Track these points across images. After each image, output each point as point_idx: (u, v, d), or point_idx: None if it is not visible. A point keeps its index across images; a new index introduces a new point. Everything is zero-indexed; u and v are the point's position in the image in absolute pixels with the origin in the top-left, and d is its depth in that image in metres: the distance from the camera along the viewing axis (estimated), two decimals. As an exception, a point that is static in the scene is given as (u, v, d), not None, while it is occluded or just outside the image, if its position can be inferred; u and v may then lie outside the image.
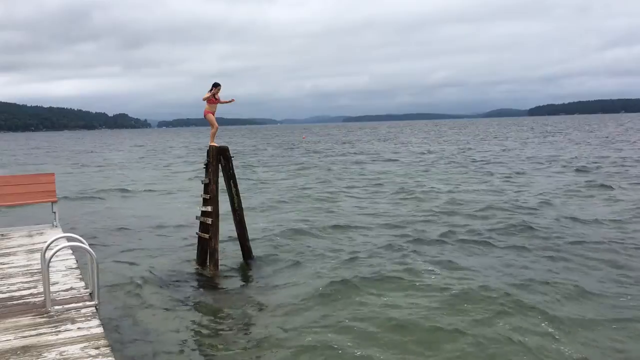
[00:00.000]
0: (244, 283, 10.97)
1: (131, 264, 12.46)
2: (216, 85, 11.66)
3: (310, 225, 16.09)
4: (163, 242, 14.56)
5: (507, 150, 48.52)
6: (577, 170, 29.45)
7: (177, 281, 11.01)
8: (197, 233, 12.29)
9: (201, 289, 10.57)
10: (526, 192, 21.93)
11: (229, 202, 12.16)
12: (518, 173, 29.04)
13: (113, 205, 22.15)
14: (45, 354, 4.94)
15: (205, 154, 11.96)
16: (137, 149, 74.30)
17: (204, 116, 12.00)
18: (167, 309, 9.38)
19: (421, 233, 14.56)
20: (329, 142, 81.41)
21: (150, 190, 26.81)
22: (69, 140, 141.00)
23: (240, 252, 12.63)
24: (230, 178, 12.16)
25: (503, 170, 30.78)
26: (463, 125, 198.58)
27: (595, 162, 33.25)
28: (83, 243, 6.46)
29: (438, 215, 17.21)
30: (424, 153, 48.05)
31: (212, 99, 11.70)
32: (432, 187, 24.13)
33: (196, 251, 12.42)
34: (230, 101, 12.39)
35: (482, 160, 37.78)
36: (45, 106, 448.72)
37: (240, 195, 12.35)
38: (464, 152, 47.83)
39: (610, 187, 22.15)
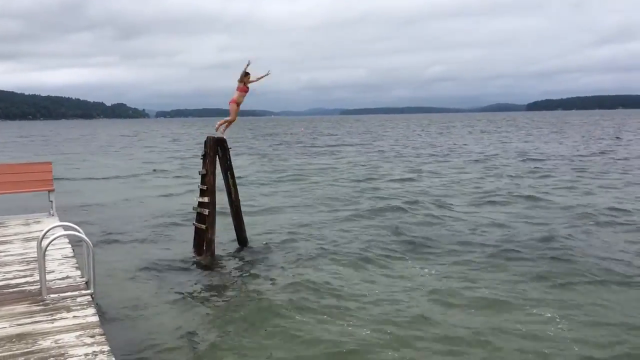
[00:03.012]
0: (240, 273, 10.98)
1: (127, 253, 12.46)
2: (246, 74, 11.26)
3: (309, 218, 16.14)
4: (160, 232, 14.56)
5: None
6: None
7: (173, 271, 11.01)
8: (193, 224, 12.30)
9: (197, 280, 10.58)
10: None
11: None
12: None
13: (108, 193, 22.18)
14: (40, 342, 4.96)
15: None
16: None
17: (229, 103, 11.57)
18: (163, 299, 9.39)
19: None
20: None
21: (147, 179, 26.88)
22: (67, 129, 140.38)
23: (237, 243, 12.69)
24: (228, 169, 12.15)
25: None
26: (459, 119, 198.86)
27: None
28: (79, 232, 6.48)
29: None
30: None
31: (244, 87, 11.34)
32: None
33: (193, 241, 12.43)
34: (266, 74, 11.62)
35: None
36: (43, 95, 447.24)
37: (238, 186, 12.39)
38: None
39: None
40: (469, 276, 10.33)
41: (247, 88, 11.46)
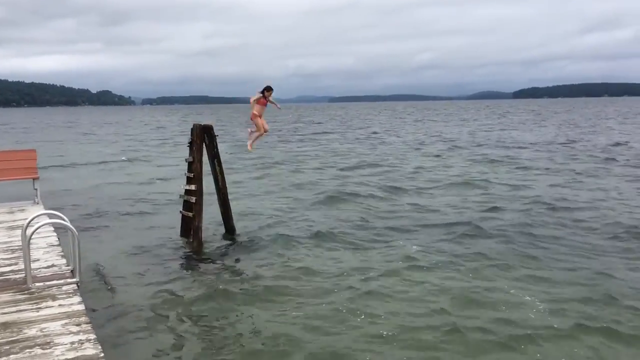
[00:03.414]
0: (226, 261, 10.98)
1: (113, 240, 12.41)
2: (268, 89, 11.15)
3: (294, 205, 16.19)
4: (146, 220, 14.51)
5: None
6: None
7: (160, 259, 10.97)
8: (180, 211, 12.25)
9: (184, 267, 10.56)
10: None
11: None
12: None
13: (93, 179, 22.10)
14: (25, 330, 4.93)
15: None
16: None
17: (251, 119, 11.55)
18: (149, 287, 9.36)
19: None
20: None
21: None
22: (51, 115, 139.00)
23: (224, 230, 12.68)
24: (215, 157, 12.09)
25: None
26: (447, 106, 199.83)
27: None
28: (64, 220, 6.43)
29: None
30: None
31: (262, 99, 11.23)
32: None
33: (180, 228, 12.39)
34: (279, 107, 12.05)
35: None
36: (27, 82, 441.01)
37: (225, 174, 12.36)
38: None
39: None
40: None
41: (267, 101, 11.36)
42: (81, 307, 5.51)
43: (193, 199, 11.57)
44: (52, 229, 8.61)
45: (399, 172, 23.43)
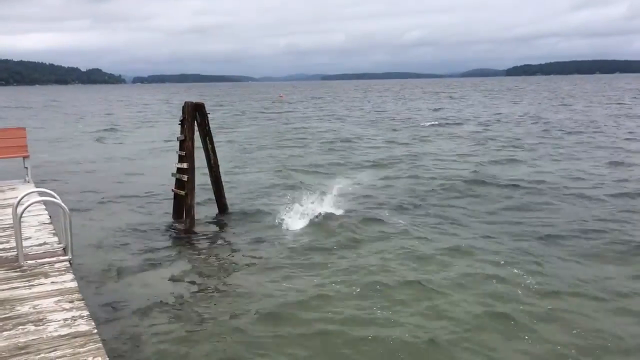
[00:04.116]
0: (219, 239, 11.01)
1: (106, 218, 12.40)
2: None
3: (285, 182, 16.20)
4: (138, 197, 14.48)
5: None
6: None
7: (152, 237, 10.99)
8: (172, 190, 12.23)
9: (177, 245, 10.57)
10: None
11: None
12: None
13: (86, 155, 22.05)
14: (18, 308, 4.93)
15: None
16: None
17: None
18: (142, 264, 9.39)
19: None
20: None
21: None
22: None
23: (217, 208, 12.68)
24: (206, 135, 12.04)
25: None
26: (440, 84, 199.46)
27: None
28: (55, 198, 6.39)
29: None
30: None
31: None
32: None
33: (172, 207, 12.38)
34: None
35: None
36: (16, 60, 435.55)
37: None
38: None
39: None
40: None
41: None
42: (74, 284, 5.50)
43: (185, 177, 11.54)
44: (44, 207, 8.57)
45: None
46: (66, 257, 6.28)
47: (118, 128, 36.81)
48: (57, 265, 6.07)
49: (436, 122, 36.75)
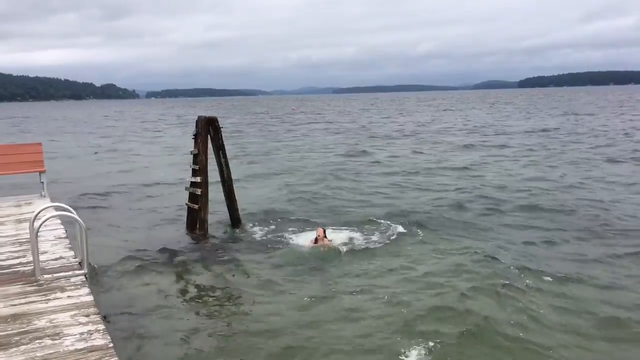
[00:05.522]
0: (232, 253, 11.01)
1: (120, 232, 12.48)
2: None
3: (301, 196, 16.22)
4: (152, 213, 14.56)
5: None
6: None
7: (166, 251, 11.00)
8: (186, 203, 12.28)
9: (190, 259, 10.57)
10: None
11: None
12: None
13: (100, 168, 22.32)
14: (35, 322, 4.97)
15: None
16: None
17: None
18: (155, 278, 9.42)
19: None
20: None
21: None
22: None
23: (230, 223, 12.70)
24: (220, 149, 12.11)
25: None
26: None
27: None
28: (72, 212, 6.46)
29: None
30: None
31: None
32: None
33: (186, 221, 12.43)
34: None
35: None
36: (32, 76, 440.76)
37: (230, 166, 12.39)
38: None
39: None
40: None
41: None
42: (90, 298, 5.55)
43: (199, 191, 11.60)
44: (59, 221, 8.67)
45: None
46: (82, 271, 6.34)
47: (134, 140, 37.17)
48: (73, 279, 6.12)
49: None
